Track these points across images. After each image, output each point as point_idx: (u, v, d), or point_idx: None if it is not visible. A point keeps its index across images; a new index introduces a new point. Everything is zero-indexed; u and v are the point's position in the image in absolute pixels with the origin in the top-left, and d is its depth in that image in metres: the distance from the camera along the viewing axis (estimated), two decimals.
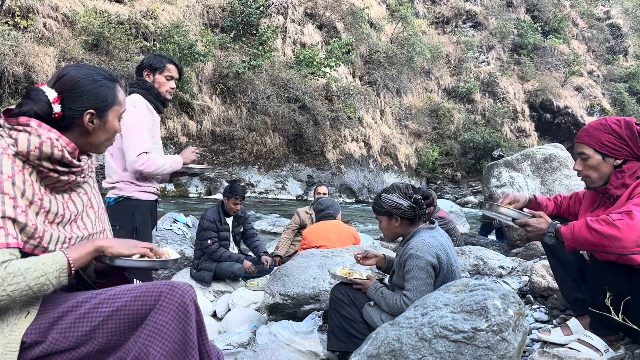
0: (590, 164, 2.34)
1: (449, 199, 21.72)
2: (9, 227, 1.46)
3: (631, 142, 2.27)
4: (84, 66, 1.73)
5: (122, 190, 3.16)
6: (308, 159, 20.55)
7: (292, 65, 21.33)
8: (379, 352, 2.01)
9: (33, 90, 1.64)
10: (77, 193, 1.76)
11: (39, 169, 1.58)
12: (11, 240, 1.45)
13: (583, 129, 2.44)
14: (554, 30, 34.28)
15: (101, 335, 1.52)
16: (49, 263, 1.48)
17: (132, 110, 3.05)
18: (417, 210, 2.68)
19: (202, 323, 1.58)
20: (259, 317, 4.04)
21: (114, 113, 1.75)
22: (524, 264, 4.06)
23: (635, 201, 2.09)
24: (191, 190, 17.17)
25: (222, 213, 5.48)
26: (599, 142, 2.31)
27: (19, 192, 1.50)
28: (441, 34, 31.90)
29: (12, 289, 1.40)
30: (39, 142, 1.55)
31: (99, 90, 1.68)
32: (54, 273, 1.48)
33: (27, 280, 1.43)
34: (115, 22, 16.67)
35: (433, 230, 2.70)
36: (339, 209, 5.39)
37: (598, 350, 2.23)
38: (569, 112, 30.56)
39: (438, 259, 2.54)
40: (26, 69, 13.99)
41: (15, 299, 1.43)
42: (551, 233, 2.24)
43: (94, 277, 1.84)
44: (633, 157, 2.28)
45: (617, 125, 2.31)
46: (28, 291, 1.43)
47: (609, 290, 2.01)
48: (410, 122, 26.27)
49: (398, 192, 2.72)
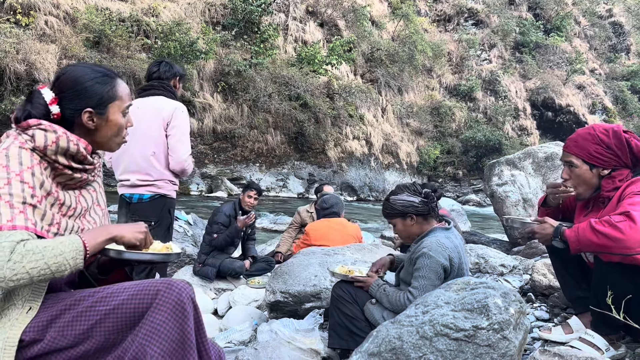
0: (578, 173, 2.37)
1: (451, 197, 21.68)
2: (29, 212, 1.48)
3: (620, 151, 2.28)
4: (82, 64, 1.73)
5: (161, 189, 3.30)
6: (309, 157, 20.55)
7: (294, 63, 21.32)
8: (379, 350, 2.01)
9: (32, 93, 1.66)
10: (86, 190, 1.77)
11: (54, 166, 1.60)
12: (30, 225, 1.46)
13: (571, 138, 2.45)
14: (556, 28, 34.22)
15: (99, 333, 1.51)
16: (66, 243, 1.48)
17: (181, 114, 3.31)
18: (430, 204, 2.65)
19: (200, 321, 1.57)
20: (260, 315, 4.04)
21: (114, 108, 1.72)
22: (525, 262, 4.06)
23: (629, 201, 2.11)
24: (192, 188, 17.18)
25: (238, 209, 5.51)
26: (587, 153, 2.34)
27: (38, 182, 1.52)
28: (443, 31, 31.85)
29: (31, 266, 1.39)
30: (56, 136, 1.57)
31: (94, 88, 1.67)
32: (71, 253, 1.47)
33: (46, 258, 1.42)
34: (117, 19, 16.68)
35: (448, 231, 2.67)
36: (343, 207, 5.40)
37: (599, 349, 2.23)
38: (570, 110, 30.53)
39: (450, 262, 2.52)
40: (28, 67, 14.00)
41: (33, 279, 1.41)
42: (557, 237, 2.26)
43: (96, 273, 1.84)
44: (621, 165, 2.29)
45: (605, 135, 2.31)
46: (46, 270, 1.42)
47: (611, 289, 2.01)
48: (412, 120, 26.25)
49: (406, 191, 2.70)
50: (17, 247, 1.39)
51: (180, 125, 3.30)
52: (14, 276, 1.38)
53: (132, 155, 3.30)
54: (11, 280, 1.38)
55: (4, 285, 1.38)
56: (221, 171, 17.94)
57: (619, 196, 2.22)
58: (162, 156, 3.30)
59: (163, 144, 3.29)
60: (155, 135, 3.28)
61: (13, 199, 1.45)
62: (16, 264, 1.38)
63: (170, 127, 3.29)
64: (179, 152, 3.30)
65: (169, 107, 3.31)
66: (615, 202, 2.22)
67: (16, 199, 1.45)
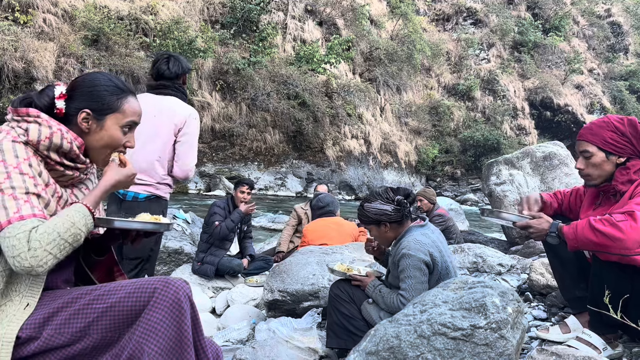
0: (594, 161, 2.33)
1: (449, 196, 21.71)
2: (34, 201, 1.49)
3: (635, 139, 2.26)
4: (104, 74, 1.75)
5: (159, 190, 3.25)
6: (308, 155, 20.54)
7: (292, 62, 21.31)
8: (377, 349, 2.01)
9: (47, 86, 1.69)
10: (79, 189, 1.77)
11: (46, 161, 1.60)
12: (37, 212, 1.48)
13: (585, 127, 2.43)
14: (555, 28, 34.25)
15: (96, 331, 1.51)
16: (72, 214, 1.51)
17: (194, 121, 3.23)
18: (402, 210, 2.68)
19: (197, 319, 1.56)
20: (258, 314, 4.04)
21: (113, 120, 1.70)
22: (523, 261, 4.06)
23: (637, 200, 2.09)
24: (191, 187, 17.17)
25: (232, 205, 5.52)
26: (602, 140, 2.30)
27: (37, 172, 1.54)
28: (442, 31, 31.87)
29: (52, 247, 1.43)
30: (50, 132, 1.58)
31: (102, 94, 1.68)
32: (81, 221, 1.51)
33: (61, 234, 1.45)
34: (115, 17, 16.65)
35: (424, 227, 2.70)
36: (338, 206, 5.40)
37: (597, 348, 2.23)
38: (569, 110, 30.57)
39: (431, 257, 2.54)
40: (26, 64, 13.96)
41: (57, 257, 1.45)
42: (553, 233, 2.24)
43: (93, 259, 1.85)
44: (636, 155, 2.27)
45: (620, 123, 2.30)
46: (65, 244, 1.46)
47: (609, 288, 2.00)
48: (410, 120, 26.26)
49: (379, 199, 2.71)
50: (32, 235, 1.42)
51: (192, 133, 3.21)
52: (40, 261, 1.42)
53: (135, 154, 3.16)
54: (39, 267, 1.42)
55: (34, 273, 1.43)
56: (219, 170, 17.93)
57: (631, 193, 2.19)
58: (165, 161, 3.22)
59: (170, 149, 3.19)
60: (164, 141, 3.17)
61: (16, 191, 1.46)
62: (37, 251, 1.41)
63: (181, 134, 3.19)
64: (186, 160, 3.24)
65: (183, 113, 3.18)
66: (627, 198, 2.20)
67: (19, 191, 1.47)
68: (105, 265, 1.89)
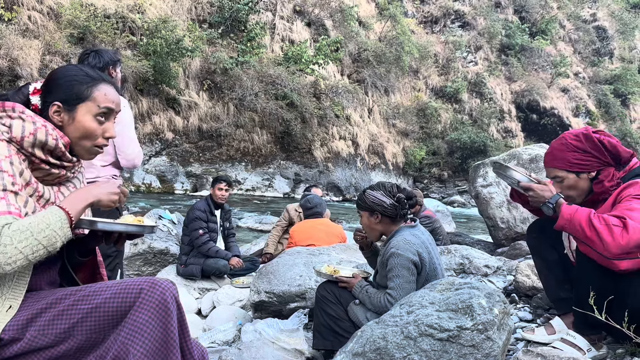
0: (567, 184, 2.35)
1: (436, 198, 21.81)
2: (11, 198, 1.44)
3: (596, 152, 2.28)
4: (76, 65, 1.72)
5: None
6: (295, 156, 20.51)
7: (281, 62, 21.28)
8: (364, 350, 2.01)
9: (25, 84, 1.68)
10: (66, 187, 1.73)
11: (30, 159, 1.56)
12: (13, 209, 1.43)
13: (547, 153, 2.44)
14: (542, 31, 34.58)
15: (80, 333, 1.49)
16: (48, 215, 1.46)
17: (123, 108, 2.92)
18: (399, 209, 2.71)
19: (183, 320, 1.55)
20: (244, 315, 4.02)
21: (84, 109, 1.64)
22: (509, 263, 4.08)
23: (627, 205, 2.09)
24: (177, 187, 17.07)
25: (212, 205, 5.48)
26: (567, 163, 2.32)
27: (17, 171, 1.49)
28: (430, 33, 32.00)
29: (23, 245, 1.38)
30: (34, 128, 1.54)
31: (70, 84, 1.63)
32: (57, 223, 1.45)
33: (35, 234, 1.40)
34: (102, 15, 16.49)
35: (414, 228, 2.73)
36: (326, 208, 5.41)
37: (581, 350, 2.25)
38: (555, 113, 30.87)
39: (419, 257, 2.57)
40: (10, 62, 13.79)
41: (29, 257, 1.39)
42: (551, 204, 2.23)
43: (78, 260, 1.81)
44: (604, 164, 2.29)
45: (577, 140, 2.31)
46: (39, 246, 1.41)
47: (593, 289, 2.02)
48: (398, 121, 26.34)
49: (383, 190, 2.75)
50: (3, 231, 1.37)
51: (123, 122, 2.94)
52: (9, 259, 1.37)
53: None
54: (7, 264, 1.37)
55: (1, 271, 1.37)
56: (206, 170, 17.83)
57: (614, 199, 2.20)
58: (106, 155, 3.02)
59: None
60: None
61: None
62: (7, 247, 1.36)
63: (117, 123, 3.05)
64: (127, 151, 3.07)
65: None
66: (610, 203, 2.21)
67: None
68: (89, 267, 1.87)
